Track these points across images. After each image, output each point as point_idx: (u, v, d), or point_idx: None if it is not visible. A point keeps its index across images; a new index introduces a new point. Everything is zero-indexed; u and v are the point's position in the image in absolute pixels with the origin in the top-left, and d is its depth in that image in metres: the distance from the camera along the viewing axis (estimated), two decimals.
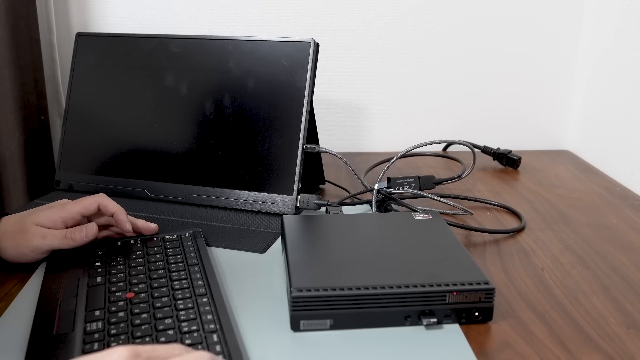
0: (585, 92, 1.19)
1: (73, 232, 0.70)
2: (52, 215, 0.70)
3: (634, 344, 0.57)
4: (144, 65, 0.91)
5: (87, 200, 0.72)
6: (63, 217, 0.70)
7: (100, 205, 0.72)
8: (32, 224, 0.69)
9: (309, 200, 0.83)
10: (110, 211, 0.72)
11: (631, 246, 0.78)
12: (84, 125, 0.93)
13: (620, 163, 1.06)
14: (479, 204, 0.92)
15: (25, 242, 0.68)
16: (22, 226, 0.69)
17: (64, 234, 0.69)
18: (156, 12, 1.14)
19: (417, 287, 0.58)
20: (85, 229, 0.70)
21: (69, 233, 0.70)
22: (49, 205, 0.73)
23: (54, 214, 0.70)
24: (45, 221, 0.70)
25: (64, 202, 0.73)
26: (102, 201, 0.72)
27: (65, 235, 0.69)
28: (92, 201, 0.72)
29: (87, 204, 0.71)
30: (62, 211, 0.71)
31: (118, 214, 0.72)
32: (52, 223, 0.70)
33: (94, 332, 0.55)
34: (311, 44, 0.84)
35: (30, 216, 0.70)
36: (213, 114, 0.88)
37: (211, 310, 0.58)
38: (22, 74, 0.99)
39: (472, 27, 1.18)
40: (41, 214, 0.70)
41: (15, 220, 0.70)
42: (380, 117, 1.22)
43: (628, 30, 1.04)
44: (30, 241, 0.68)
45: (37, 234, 0.68)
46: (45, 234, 0.69)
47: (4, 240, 0.69)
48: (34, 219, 0.69)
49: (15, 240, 0.68)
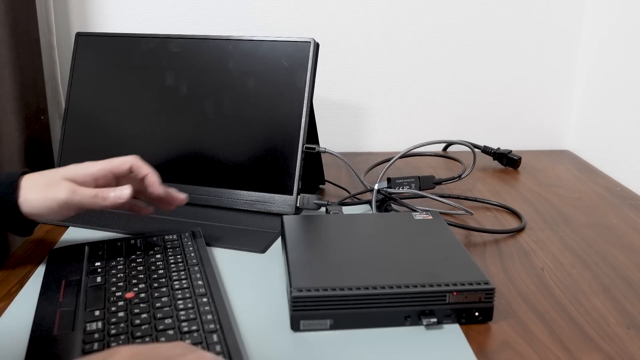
0: (585, 92, 1.19)
1: (105, 191, 0.66)
2: (82, 170, 0.66)
3: (634, 344, 0.57)
4: (144, 65, 0.91)
5: (120, 159, 0.68)
6: (94, 173, 0.67)
7: (133, 166, 0.68)
8: (61, 177, 0.65)
9: (309, 200, 0.83)
10: (143, 172, 0.69)
11: (631, 246, 0.78)
12: (84, 125, 0.93)
13: (620, 163, 1.06)
14: (479, 204, 0.92)
15: (54, 194, 0.63)
16: (49, 179, 0.65)
17: (95, 192, 0.65)
18: (156, 12, 1.14)
19: (417, 287, 0.58)
20: (120, 190, 0.66)
21: (100, 192, 0.65)
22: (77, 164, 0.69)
23: (84, 169, 0.66)
24: (76, 176, 0.66)
25: (94, 162, 0.69)
26: (136, 162, 0.69)
27: (97, 193, 0.65)
28: (125, 160, 0.68)
29: (120, 162, 0.68)
30: (94, 167, 0.67)
31: (151, 175, 0.69)
32: (82, 179, 0.66)
33: (94, 332, 0.55)
34: (311, 44, 0.84)
35: (58, 171, 0.66)
36: (213, 114, 0.88)
37: (211, 310, 0.58)
38: (22, 74, 0.98)
39: (472, 27, 1.18)
40: (71, 168, 0.66)
41: (40, 174, 0.66)
42: (380, 117, 1.22)
43: (628, 30, 1.04)
44: (58, 194, 0.63)
45: (67, 187, 0.64)
46: (75, 189, 0.64)
47: (29, 192, 0.64)
48: (63, 173, 0.65)
49: (43, 192, 0.64)
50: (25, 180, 0.65)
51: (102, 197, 0.65)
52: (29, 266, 0.71)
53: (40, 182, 0.65)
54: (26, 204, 0.64)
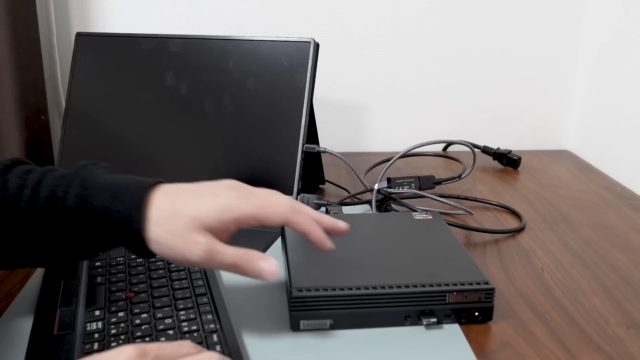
0: (586, 92, 1.19)
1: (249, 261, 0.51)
2: (223, 214, 0.52)
3: (634, 344, 0.57)
4: (144, 65, 0.91)
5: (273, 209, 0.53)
6: (239, 220, 0.52)
7: (288, 223, 0.54)
8: (196, 224, 0.51)
9: (309, 200, 0.83)
10: (300, 230, 0.54)
11: (631, 246, 0.78)
12: (84, 125, 0.93)
13: (620, 163, 1.06)
14: (479, 204, 0.92)
15: (185, 252, 0.50)
16: (183, 223, 0.51)
17: (235, 261, 0.51)
18: (156, 12, 1.14)
19: (417, 287, 0.58)
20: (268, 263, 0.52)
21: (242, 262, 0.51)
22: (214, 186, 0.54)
23: (227, 211, 0.52)
24: (215, 222, 0.51)
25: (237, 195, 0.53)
26: (291, 217, 0.53)
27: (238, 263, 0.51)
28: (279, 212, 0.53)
29: (273, 214, 0.53)
30: (239, 210, 0.52)
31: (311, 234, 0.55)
32: (223, 225, 0.52)
33: (94, 332, 0.55)
34: (311, 44, 0.84)
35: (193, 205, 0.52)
36: (213, 114, 0.88)
37: (211, 310, 0.58)
38: (22, 74, 0.98)
39: (472, 27, 1.18)
40: (209, 209, 0.51)
41: (171, 201, 0.52)
42: (380, 117, 1.22)
43: (628, 30, 1.04)
44: (190, 255, 0.50)
45: (202, 249, 0.50)
46: (213, 252, 0.50)
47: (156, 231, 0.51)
48: (199, 217, 0.51)
49: (172, 240, 0.51)
50: (155, 209, 0.51)
51: (243, 269, 0.51)
52: None
53: (171, 223, 0.51)
54: (151, 242, 0.51)
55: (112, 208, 0.51)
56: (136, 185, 0.52)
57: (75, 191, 0.51)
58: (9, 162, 0.55)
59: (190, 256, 0.50)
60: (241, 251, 0.51)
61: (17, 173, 0.53)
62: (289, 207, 0.54)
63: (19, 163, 0.55)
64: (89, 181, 0.52)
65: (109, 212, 0.51)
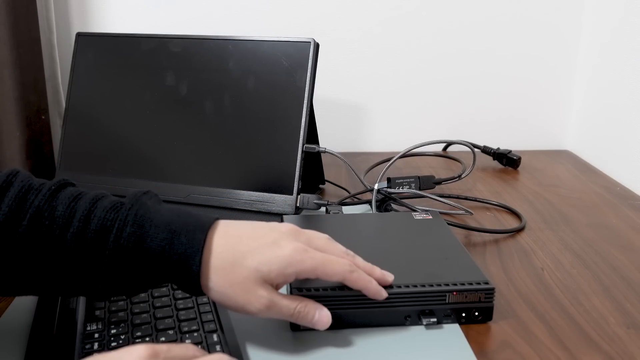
0: (585, 92, 1.19)
1: (304, 314, 0.53)
2: (287, 269, 0.51)
3: (634, 344, 0.57)
4: (144, 65, 0.91)
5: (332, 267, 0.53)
6: (299, 274, 0.52)
7: (345, 282, 0.55)
8: (259, 280, 0.51)
9: (309, 200, 0.83)
10: (356, 287, 0.55)
11: (631, 246, 0.78)
12: (84, 125, 0.93)
13: (620, 163, 1.06)
14: (479, 204, 0.92)
15: (244, 303, 0.51)
16: (242, 276, 0.50)
17: (292, 313, 0.53)
18: (156, 12, 1.14)
19: (417, 287, 0.58)
20: (321, 315, 0.54)
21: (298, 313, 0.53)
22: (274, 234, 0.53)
23: (290, 267, 0.51)
24: (277, 277, 0.51)
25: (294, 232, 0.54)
26: (348, 278, 0.54)
27: (293, 314, 0.53)
28: (337, 275, 0.54)
29: (331, 275, 0.53)
30: (300, 266, 0.51)
31: (368, 291, 0.56)
32: (284, 279, 0.52)
33: (94, 332, 0.55)
34: (311, 44, 0.84)
35: (252, 257, 0.51)
36: (213, 114, 0.88)
37: (211, 310, 0.58)
38: (22, 74, 0.99)
39: (472, 27, 1.18)
40: (272, 263, 0.51)
41: (231, 251, 0.51)
42: (380, 117, 1.22)
43: (628, 30, 1.04)
44: (249, 307, 0.51)
45: (262, 303, 0.50)
46: (271, 306, 0.51)
47: (214, 280, 0.50)
48: (261, 270, 0.51)
49: (231, 291, 0.50)
50: (215, 255, 0.51)
51: (297, 320, 0.53)
52: None
53: (233, 274, 0.50)
54: (209, 290, 0.51)
55: (169, 250, 0.49)
56: (193, 225, 0.51)
57: (129, 228, 0.49)
58: (56, 184, 0.52)
59: (250, 308, 0.51)
60: (297, 302, 0.53)
61: (65, 199, 0.50)
62: (347, 266, 0.54)
63: (65, 185, 0.53)
64: (144, 217, 0.50)
65: (166, 253, 0.49)
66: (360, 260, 0.58)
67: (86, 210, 0.50)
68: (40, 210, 0.49)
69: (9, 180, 0.51)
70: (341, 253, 0.56)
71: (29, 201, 0.50)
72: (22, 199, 0.50)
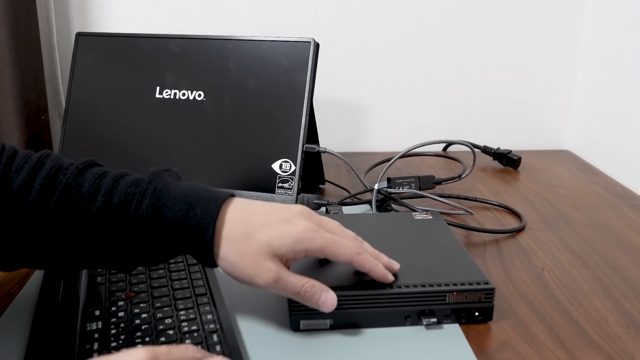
0: (585, 92, 1.19)
1: (311, 293, 0.54)
2: (297, 245, 0.53)
3: (634, 344, 0.57)
4: (144, 65, 0.91)
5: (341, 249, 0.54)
6: (309, 251, 0.54)
7: (352, 263, 0.56)
8: (269, 252, 0.52)
9: (309, 200, 0.83)
10: (364, 269, 0.57)
11: (631, 246, 0.78)
12: (84, 126, 0.93)
13: (620, 163, 1.06)
14: (479, 204, 0.92)
15: (252, 275, 0.52)
16: (254, 247, 0.52)
17: (298, 290, 0.53)
18: (156, 12, 1.14)
19: (417, 287, 0.58)
20: (327, 296, 0.55)
21: (305, 292, 0.53)
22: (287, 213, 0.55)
23: (300, 243, 0.53)
24: (287, 252, 0.53)
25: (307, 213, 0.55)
26: (356, 260, 0.55)
27: (300, 293, 0.53)
28: (346, 256, 0.55)
29: (339, 256, 0.55)
30: (310, 243, 0.53)
31: (375, 273, 0.57)
32: (294, 255, 0.53)
33: (94, 332, 0.55)
34: (311, 43, 0.84)
35: (266, 237, 0.52)
36: (213, 114, 0.88)
37: (211, 310, 0.58)
38: (22, 74, 0.99)
39: (472, 27, 1.18)
40: (283, 237, 0.52)
41: (242, 227, 0.53)
42: (380, 117, 1.22)
43: (628, 30, 1.04)
44: (257, 279, 0.52)
45: (270, 276, 0.52)
46: (279, 280, 0.52)
47: (226, 250, 0.52)
48: (272, 243, 0.52)
49: (241, 262, 0.52)
50: (228, 227, 0.52)
51: (303, 299, 0.54)
52: None
53: (243, 245, 0.52)
54: (220, 259, 0.53)
55: (185, 220, 0.51)
56: (209, 198, 0.53)
57: (148, 201, 0.52)
58: (83, 164, 0.55)
59: (258, 280, 0.52)
60: (304, 281, 0.54)
61: (91, 177, 0.54)
62: (355, 248, 0.56)
63: (92, 165, 0.56)
64: (162, 190, 0.53)
65: (182, 224, 0.51)
66: (368, 246, 0.59)
67: (109, 187, 0.53)
68: (68, 187, 0.53)
69: (41, 161, 0.54)
70: (350, 237, 0.58)
71: (59, 180, 0.53)
72: (53, 178, 0.53)
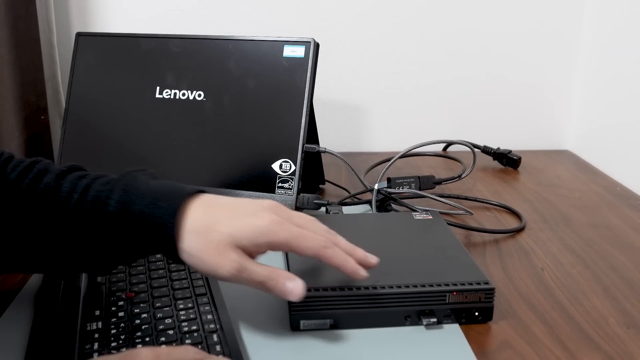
0: (586, 92, 1.19)
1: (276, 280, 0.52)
2: (259, 238, 0.52)
3: (634, 344, 0.57)
4: (144, 65, 0.91)
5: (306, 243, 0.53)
6: (272, 244, 0.53)
7: (320, 258, 0.54)
8: (231, 243, 0.51)
9: (309, 200, 0.83)
10: (332, 264, 0.54)
11: (631, 246, 0.78)
12: (84, 125, 0.93)
13: (620, 163, 1.06)
14: (479, 204, 0.92)
15: (215, 267, 0.51)
16: (216, 239, 0.51)
17: (263, 280, 0.52)
18: (156, 12, 1.14)
19: (417, 287, 0.58)
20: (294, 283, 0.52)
21: (270, 280, 0.52)
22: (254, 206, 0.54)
23: (263, 236, 0.52)
24: (249, 244, 0.52)
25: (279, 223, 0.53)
26: (323, 254, 0.53)
27: (265, 282, 0.52)
28: (311, 250, 0.53)
29: (304, 250, 0.53)
30: (273, 236, 0.52)
31: (345, 269, 0.55)
32: (256, 248, 0.53)
33: (94, 332, 0.55)
34: (311, 43, 0.84)
35: (229, 228, 0.52)
36: (213, 114, 0.88)
37: (211, 310, 0.58)
38: (22, 74, 0.99)
39: (472, 27, 1.17)
40: (246, 229, 0.52)
41: (207, 214, 0.52)
42: (380, 117, 1.22)
43: (628, 30, 1.04)
44: (220, 270, 0.51)
45: (233, 265, 0.51)
46: (242, 269, 0.51)
47: (189, 242, 0.51)
48: (234, 235, 0.51)
49: (203, 253, 0.51)
50: (191, 220, 0.52)
51: (269, 287, 0.52)
52: None
53: (206, 237, 0.51)
54: (183, 252, 0.52)
55: (149, 213, 0.52)
56: (175, 193, 0.53)
57: (117, 196, 0.53)
58: (66, 167, 0.57)
59: (220, 271, 0.51)
60: (269, 270, 0.52)
61: (71, 178, 0.55)
62: (322, 241, 0.54)
63: (75, 169, 0.57)
64: (131, 186, 0.53)
65: (146, 217, 0.51)
66: (341, 240, 0.57)
67: (85, 186, 0.54)
68: (48, 188, 0.54)
69: (31, 165, 0.56)
70: (321, 231, 0.56)
71: (42, 182, 0.55)
72: (37, 180, 0.55)
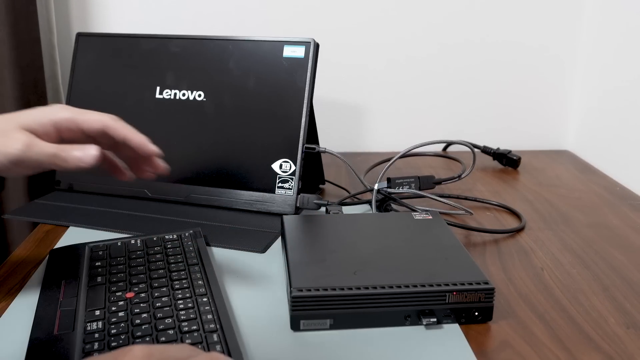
0: (585, 92, 1.19)
1: (67, 149, 0.54)
2: (43, 117, 0.55)
3: (634, 344, 0.57)
4: (144, 65, 0.91)
5: (91, 114, 0.57)
6: (57, 122, 0.56)
7: (107, 127, 0.57)
8: (15, 125, 0.54)
9: (309, 200, 0.83)
10: (120, 135, 0.57)
11: (631, 246, 0.78)
12: None
13: (620, 163, 1.06)
14: (479, 204, 0.92)
15: (4, 148, 0.52)
16: (1, 127, 0.53)
17: (54, 151, 0.54)
18: (156, 12, 1.14)
19: (417, 287, 0.58)
20: (85, 149, 0.54)
21: (61, 151, 0.54)
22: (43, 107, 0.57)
23: (46, 114, 0.55)
24: (34, 123, 0.55)
25: (63, 106, 0.57)
26: (111, 123, 0.57)
27: (57, 152, 0.54)
28: (97, 119, 0.56)
29: (90, 119, 0.56)
30: (57, 114, 0.56)
31: (134, 137, 0.57)
32: (43, 128, 0.55)
33: (94, 332, 0.55)
34: (311, 44, 0.84)
35: (14, 116, 0.55)
36: (213, 114, 0.88)
37: (211, 310, 0.58)
38: (23, 74, 0.99)
39: (472, 27, 1.18)
40: (30, 113, 0.55)
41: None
42: (380, 117, 1.22)
43: (628, 30, 1.04)
44: (9, 147, 0.52)
45: (21, 141, 0.53)
46: (31, 144, 0.53)
47: None
48: (19, 119, 0.54)
49: None
50: None
51: (63, 157, 0.54)
52: (29, 266, 0.71)
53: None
54: None
55: None
56: None
57: None
58: None
59: (10, 150, 0.52)
60: (60, 145, 0.54)
61: None
62: (110, 116, 0.57)
63: None
64: None
65: None
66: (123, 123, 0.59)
67: None
68: None
69: None
70: None
71: None
72: None
